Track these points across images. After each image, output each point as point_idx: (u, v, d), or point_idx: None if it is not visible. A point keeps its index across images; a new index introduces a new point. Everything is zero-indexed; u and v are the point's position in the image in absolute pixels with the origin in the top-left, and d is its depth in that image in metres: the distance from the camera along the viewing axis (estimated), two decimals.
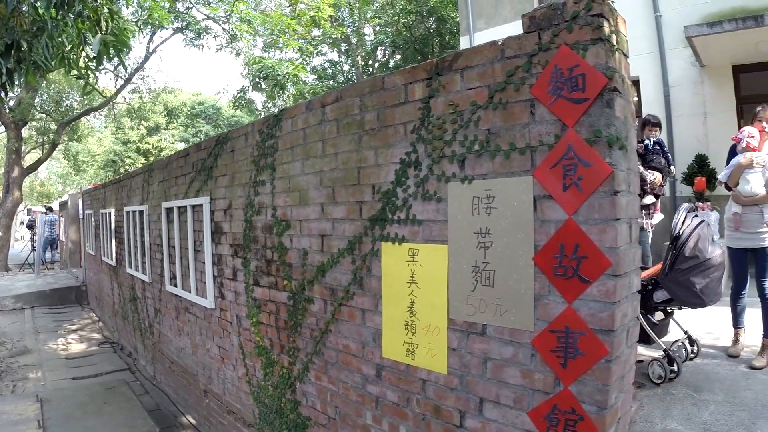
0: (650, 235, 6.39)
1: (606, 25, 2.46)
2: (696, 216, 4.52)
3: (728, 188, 5.14)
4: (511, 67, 2.73)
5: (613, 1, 2.60)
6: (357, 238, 3.62)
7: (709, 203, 8.39)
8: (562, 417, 2.55)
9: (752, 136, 4.98)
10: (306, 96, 21.81)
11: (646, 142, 6.19)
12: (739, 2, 8.69)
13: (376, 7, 22.91)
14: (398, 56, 24.03)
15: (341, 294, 3.79)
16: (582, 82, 2.46)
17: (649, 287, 4.59)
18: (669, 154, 6.15)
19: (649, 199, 5.99)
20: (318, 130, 3.96)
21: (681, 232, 4.37)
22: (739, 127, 8.76)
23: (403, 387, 3.36)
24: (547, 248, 2.57)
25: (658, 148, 6.15)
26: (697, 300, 4.31)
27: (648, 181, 6.06)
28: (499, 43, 2.82)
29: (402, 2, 22.05)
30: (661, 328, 4.86)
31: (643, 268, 4.87)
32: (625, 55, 2.66)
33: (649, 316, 4.65)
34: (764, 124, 5.03)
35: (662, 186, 6.13)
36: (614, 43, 2.51)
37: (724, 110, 9.04)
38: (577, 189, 2.46)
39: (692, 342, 4.98)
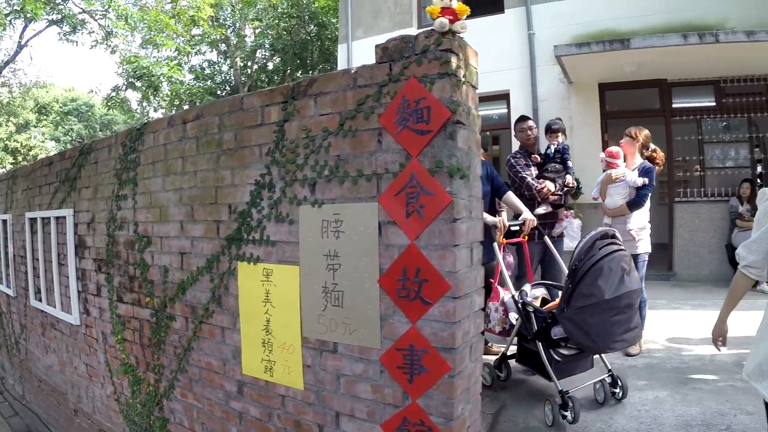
0: (562, 244, 5.74)
1: (454, 60, 2.47)
2: (612, 243, 3.79)
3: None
4: (362, 95, 2.69)
5: (461, 34, 2.66)
6: (215, 256, 3.47)
7: (572, 211, 8.88)
8: (413, 428, 2.56)
9: (612, 156, 5.31)
10: (182, 96, 20.75)
11: (547, 150, 5.67)
12: (609, 25, 9.20)
13: (258, 8, 21.99)
14: (277, 59, 23.25)
15: (201, 312, 3.62)
16: (427, 114, 2.47)
17: (549, 320, 3.90)
18: (570, 162, 5.61)
19: (542, 209, 5.32)
20: (179, 146, 3.75)
21: (580, 264, 3.66)
22: (604, 141, 9.34)
23: (265, 403, 3.27)
24: (391, 271, 2.56)
25: (558, 156, 5.58)
26: (590, 344, 3.63)
27: (536, 190, 5.35)
28: (352, 71, 2.77)
29: (284, 6, 21.27)
30: (576, 364, 4.13)
31: (555, 286, 4.52)
32: (473, 87, 2.68)
33: (552, 351, 3.95)
34: (630, 145, 5.36)
35: (559, 195, 5.47)
36: (461, 77, 2.52)
37: (589, 124, 9.47)
38: (419, 216, 2.46)
39: (615, 383, 4.08)
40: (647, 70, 8.82)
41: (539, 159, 5.61)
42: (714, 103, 9.23)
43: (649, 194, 5.24)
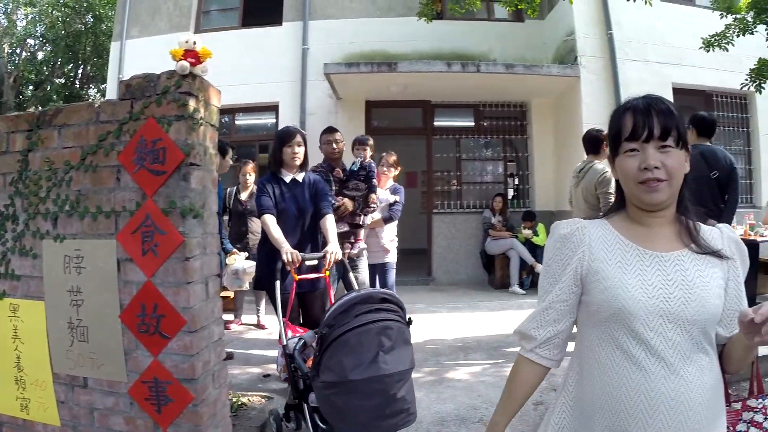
0: (363, 265, 5.14)
1: (192, 102, 2.48)
2: (377, 310, 2.96)
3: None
4: (104, 131, 2.61)
5: (204, 75, 2.71)
6: None
7: None
8: None
9: None
10: None
11: (352, 165, 5.15)
12: (380, 46, 9.61)
13: None
14: (48, 49, 21.14)
15: None
16: (163, 155, 2.46)
17: (308, 381, 3.09)
18: (374, 179, 5.14)
19: (338, 228, 4.55)
20: None
21: (330, 331, 2.85)
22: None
23: None
24: (131, 307, 2.53)
25: (363, 172, 5.08)
26: (341, 425, 2.92)
27: (332, 207, 4.46)
28: (96, 105, 2.68)
29: None
30: None
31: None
32: (213, 126, 2.71)
33: (316, 417, 3.14)
34: (385, 168, 5.64)
35: (360, 214, 5.05)
36: (198, 119, 2.54)
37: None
38: (154, 254, 2.45)
39: None
40: (413, 92, 9.29)
41: (341, 174, 5.03)
42: (473, 124, 10.13)
43: (401, 210, 5.55)
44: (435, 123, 10.01)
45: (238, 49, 9.62)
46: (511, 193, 10.24)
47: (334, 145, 4.99)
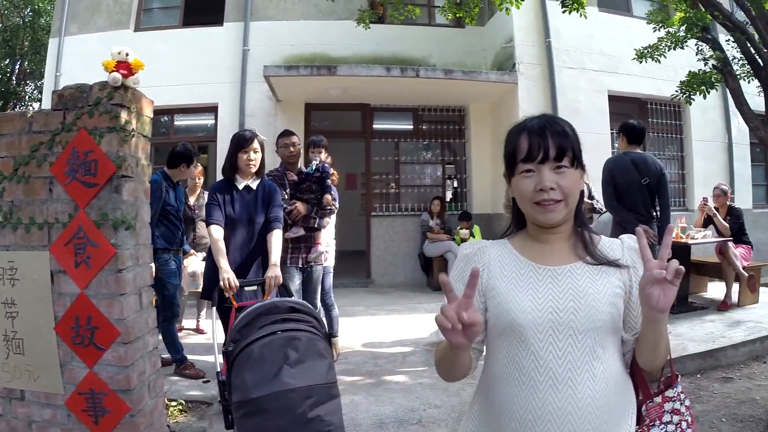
0: (318, 272, 4.90)
1: (124, 114, 2.51)
2: (284, 320, 2.77)
3: None
4: (36, 142, 2.62)
5: (136, 86, 2.74)
6: None
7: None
8: None
9: None
10: None
11: (308, 168, 4.95)
12: (321, 49, 9.68)
13: None
14: None
15: None
16: (95, 167, 2.49)
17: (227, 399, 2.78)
18: (329, 181, 4.98)
19: (294, 232, 4.62)
20: None
21: (235, 347, 2.67)
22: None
23: None
24: (65, 319, 2.55)
25: (318, 174, 4.90)
26: None
27: (285, 212, 4.46)
28: (29, 115, 2.68)
29: None
30: None
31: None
32: (145, 137, 2.74)
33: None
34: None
35: (314, 217, 4.82)
36: (130, 130, 2.57)
37: None
38: (86, 266, 2.48)
39: None
40: (352, 95, 9.33)
41: (295, 177, 4.87)
42: (411, 128, 10.29)
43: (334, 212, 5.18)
44: (374, 126, 10.10)
45: (179, 49, 9.51)
46: (449, 196, 10.46)
47: (291, 148, 4.88)
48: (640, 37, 6.81)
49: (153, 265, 4.67)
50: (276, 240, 3.73)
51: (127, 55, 2.61)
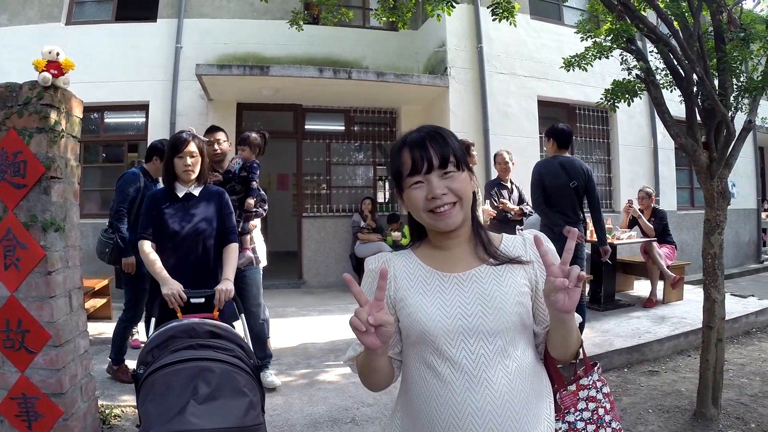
0: (252, 275, 4.64)
1: (54, 115, 2.52)
2: (201, 347, 2.41)
3: None
4: None
5: (66, 87, 2.75)
6: None
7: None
8: None
9: None
10: None
11: (235, 165, 4.73)
12: (254, 48, 9.62)
13: None
14: None
15: None
16: (24, 168, 2.49)
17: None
18: (255, 183, 4.77)
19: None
20: None
21: (145, 369, 2.33)
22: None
23: None
24: None
25: (245, 173, 4.70)
26: None
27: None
28: None
29: None
30: None
31: None
32: (75, 138, 2.75)
33: None
34: None
35: (238, 221, 4.25)
36: (59, 131, 2.58)
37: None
38: (16, 269, 2.48)
39: None
40: (285, 95, 9.27)
41: (220, 177, 4.58)
42: (343, 129, 10.38)
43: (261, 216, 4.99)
44: (306, 127, 10.08)
45: (110, 44, 9.20)
46: (381, 197, 10.59)
47: (216, 146, 4.48)
48: (570, 45, 7.05)
49: (132, 257, 4.61)
50: (232, 254, 3.43)
51: (57, 54, 2.61)
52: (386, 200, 10.53)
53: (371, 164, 10.62)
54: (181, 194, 3.34)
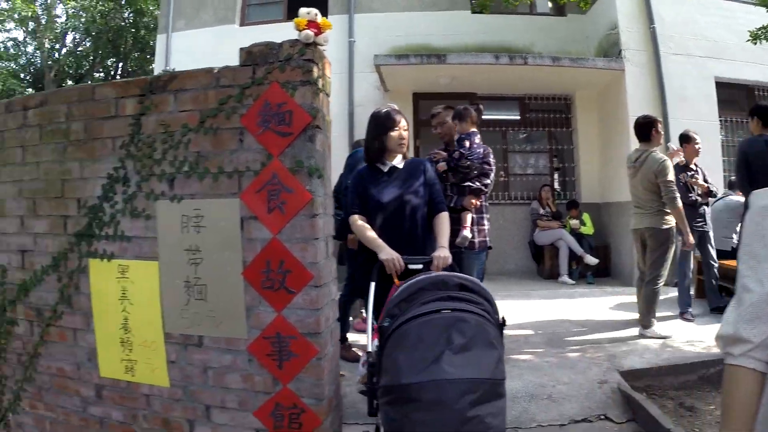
0: (470, 258, 4.94)
1: (315, 69, 2.65)
2: (448, 299, 2.43)
3: None
4: (224, 95, 2.78)
5: (324, 46, 2.91)
6: (62, 254, 3.30)
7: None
8: (286, 412, 2.73)
9: None
10: None
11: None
12: (426, 40, 9.93)
13: None
14: (88, 44, 21.65)
15: (48, 314, 3.39)
16: (289, 117, 2.64)
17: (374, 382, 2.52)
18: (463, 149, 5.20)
19: None
20: (18, 135, 3.50)
21: (392, 322, 2.39)
22: (416, 147, 9.94)
23: (128, 404, 3.15)
24: (255, 264, 2.69)
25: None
26: None
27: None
28: (215, 71, 2.84)
29: None
30: None
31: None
32: (327, 95, 2.88)
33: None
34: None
35: (450, 195, 4.84)
36: (320, 86, 2.71)
37: None
38: (280, 212, 2.63)
39: None
40: (459, 84, 9.56)
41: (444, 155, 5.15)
42: (519, 117, 10.42)
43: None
44: (482, 116, 10.23)
45: None
46: (556, 185, 10.45)
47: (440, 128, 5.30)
48: (739, 21, 6.62)
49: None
50: (444, 222, 3.50)
51: (316, 15, 2.77)
52: (563, 188, 10.41)
53: (547, 152, 10.50)
54: (386, 168, 3.52)
